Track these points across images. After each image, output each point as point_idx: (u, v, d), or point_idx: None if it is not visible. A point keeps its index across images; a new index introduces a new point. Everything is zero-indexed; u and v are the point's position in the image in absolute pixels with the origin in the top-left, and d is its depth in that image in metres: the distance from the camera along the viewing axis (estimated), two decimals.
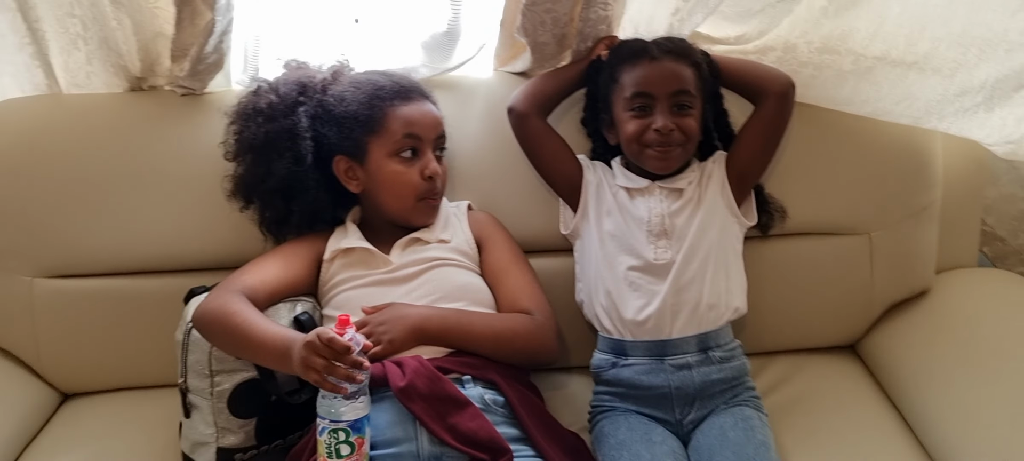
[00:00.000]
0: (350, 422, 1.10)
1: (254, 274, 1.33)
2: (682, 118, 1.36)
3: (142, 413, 1.47)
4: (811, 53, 1.45)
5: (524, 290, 1.37)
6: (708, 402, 1.32)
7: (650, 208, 1.38)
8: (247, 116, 1.40)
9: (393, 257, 1.37)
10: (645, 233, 1.37)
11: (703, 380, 1.32)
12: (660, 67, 1.36)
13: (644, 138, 1.36)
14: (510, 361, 1.31)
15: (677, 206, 1.38)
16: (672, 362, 1.32)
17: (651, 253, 1.36)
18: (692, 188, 1.40)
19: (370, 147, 1.37)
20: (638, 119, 1.36)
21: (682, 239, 1.36)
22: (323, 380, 1.08)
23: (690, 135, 1.37)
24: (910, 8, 1.34)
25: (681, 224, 1.37)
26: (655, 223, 1.37)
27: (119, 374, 1.54)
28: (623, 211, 1.40)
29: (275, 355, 1.18)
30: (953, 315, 1.52)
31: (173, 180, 1.49)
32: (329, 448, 1.11)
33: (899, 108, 1.44)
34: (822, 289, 1.55)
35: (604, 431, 1.32)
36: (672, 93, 1.35)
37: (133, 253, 1.49)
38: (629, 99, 1.37)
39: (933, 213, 1.55)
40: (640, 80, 1.36)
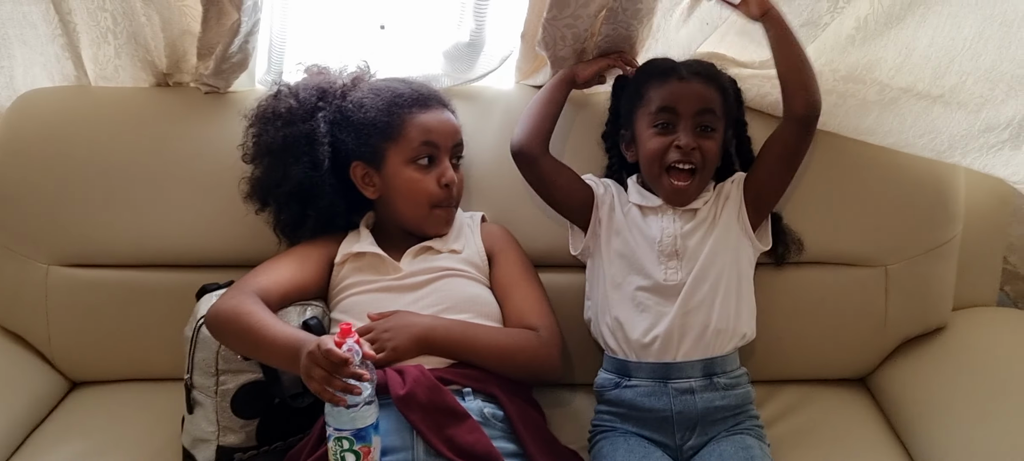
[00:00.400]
0: (353, 431, 1.09)
1: (267, 276, 1.32)
2: (704, 139, 1.33)
3: (147, 405, 1.47)
4: (836, 81, 1.42)
5: (531, 306, 1.36)
6: (710, 428, 1.29)
7: (663, 228, 1.35)
8: (266, 119, 1.40)
9: (403, 264, 1.37)
10: (656, 253, 1.34)
11: (706, 406, 1.29)
12: (688, 86, 1.35)
13: (665, 157, 1.33)
14: (513, 376, 1.29)
15: (690, 226, 1.36)
16: (676, 386, 1.30)
17: (661, 274, 1.33)
18: (707, 208, 1.37)
19: (387, 154, 1.36)
20: (661, 136, 1.34)
21: (693, 261, 1.33)
22: (322, 390, 1.08)
23: (709, 159, 1.34)
24: (939, 40, 1.31)
25: (693, 245, 1.34)
26: (667, 243, 1.34)
27: (127, 365, 1.54)
28: (634, 230, 1.38)
29: (286, 356, 1.17)
30: (967, 354, 1.47)
31: (192, 177, 1.49)
32: (335, 456, 1.10)
33: (922, 141, 1.41)
34: (835, 320, 1.51)
35: (603, 451, 1.30)
36: (697, 112, 1.33)
37: (148, 246, 1.50)
38: (654, 114, 1.35)
39: (953, 249, 1.51)
40: (667, 96, 1.34)
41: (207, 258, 1.51)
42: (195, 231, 1.50)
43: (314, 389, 1.09)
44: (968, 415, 1.33)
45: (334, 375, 1.06)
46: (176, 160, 1.50)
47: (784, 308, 1.49)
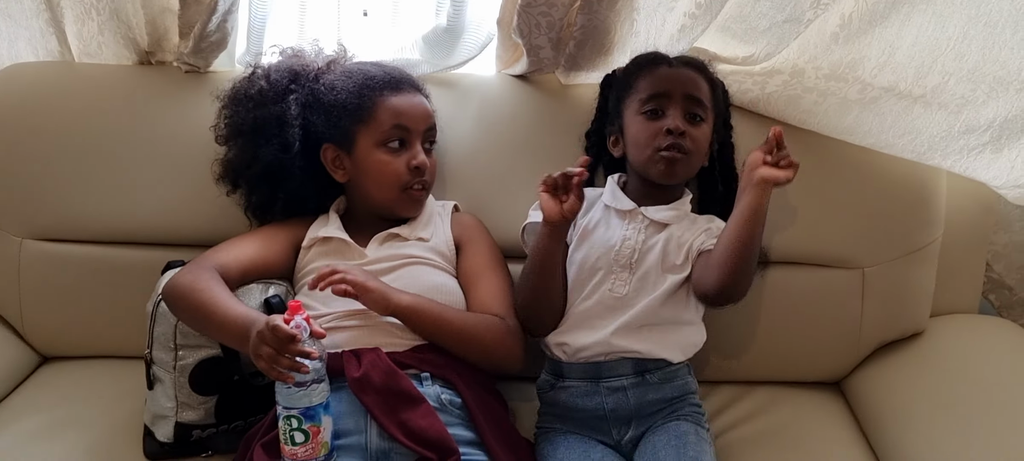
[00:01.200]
0: (302, 410, 1.08)
1: (229, 252, 1.30)
2: (693, 127, 1.29)
3: (115, 381, 1.45)
4: (818, 79, 1.37)
5: (496, 296, 1.32)
6: (646, 420, 1.26)
7: (625, 236, 1.31)
8: (238, 101, 1.38)
9: (369, 250, 1.34)
10: (610, 261, 1.30)
11: (638, 401, 1.26)
12: (678, 72, 1.32)
13: (656, 142, 1.28)
14: (475, 360, 1.26)
15: (654, 241, 1.31)
16: (607, 384, 1.26)
17: (607, 284, 1.29)
18: (678, 228, 1.32)
19: (358, 136, 1.33)
20: (651, 121, 1.30)
21: (644, 282, 1.28)
22: (270, 369, 1.06)
23: (699, 146, 1.30)
24: (923, 39, 1.26)
25: (649, 263, 1.29)
26: (624, 253, 1.30)
27: (98, 341, 1.52)
28: (594, 234, 1.33)
29: (235, 334, 1.16)
30: (942, 360, 1.42)
31: (168, 156, 1.47)
32: (284, 434, 1.09)
33: (902, 142, 1.36)
34: (809, 322, 1.46)
35: (544, 452, 1.26)
36: (687, 96, 1.29)
37: (122, 223, 1.48)
38: (643, 101, 1.31)
39: (932, 253, 1.46)
40: (656, 82, 1.31)
41: (180, 237, 1.48)
42: (169, 210, 1.47)
43: (262, 367, 1.07)
44: (940, 423, 1.28)
45: (281, 352, 1.04)
46: (153, 138, 1.48)
47: (757, 308, 1.44)
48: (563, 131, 1.48)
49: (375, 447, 1.14)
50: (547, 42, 1.40)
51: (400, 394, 1.15)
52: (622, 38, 1.42)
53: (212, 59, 1.51)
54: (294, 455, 1.09)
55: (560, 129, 1.48)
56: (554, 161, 1.45)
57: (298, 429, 1.08)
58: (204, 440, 1.29)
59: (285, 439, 1.09)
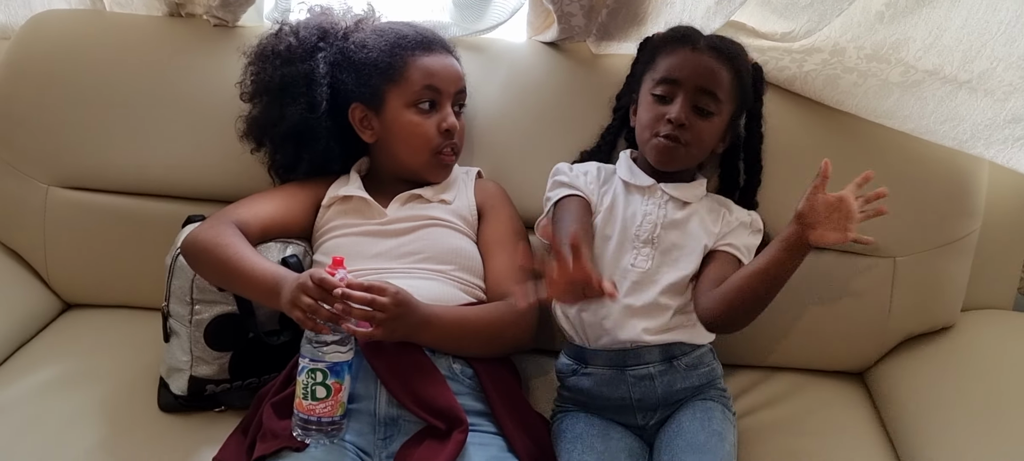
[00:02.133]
0: (330, 365, 1.06)
1: (249, 209, 1.27)
2: (699, 119, 1.23)
3: (134, 332, 1.43)
4: (859, 59, 1.30)
5: (513, 271, 1.27)
6: (673, 407, 1.21)
7: (645, 211, 1.26)
8: (265, 57, 1.34)
9: (389, 210, 1.30)
10: (631, 237, 1.25)
11: (666, 390, 1.21)
12: (697, 58, 1.24)
13: (655, 127, 1.23)
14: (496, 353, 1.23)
15: (678, 217, 1.25)
16: (633, 373, 1.21)
17: (629, 260, 1.24)
18: (700, 208, 1.27)
19: (388, 96, 1.29)
20: (657, 105, 1.24)
21: (666, 256, 1.23)
22: (306, 319, 1.05)
23: (701, 140, 1.24)
24: (973, 22, 1.18)
25: (673, 239, 1.24)
26: (645, 228, 1.25)
27: (120, 291, 1.51)
28: (613, 211, 1.27)
29: (263, 290, 1.14)
30: (971, 357, 1.35)
31: (194, 110, 1.45)
32: (305, 388, 1.07)
33: (943, 128, 1.29)
34: (835, 310, 1.40)
35: (563, 427, 1.22)
36: (698, 88, 1.22)
37: (146, 175, 1.46)
38: (656, 82, 1.25)
39: (968, 246, 1.39)
40: (672, 66, 1.24)
41: (202, 192, 1.46)
42: (193, 164, 1.45)
43: (298, 318, 1.06)
44: (963, 421, 1.22)
45: (322, 303, 1.04)
46: (179, 91, 1.45)
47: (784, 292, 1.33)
48: (592, 102, 1.43)
49: (384, 413, 1.12)
50: (579, 9, 1.35)
51: (411, 361, 1.12)
52: (656, 8, 1.36)
53: (240, 13, 1.48)
54: (312, 410, 1.07)
55: (589, 100, 1.43)
56: (581, 132, 1.42)
57: (322, 383, 1.06)
58: (217, 395, 1.28)
59: (305, 394, 1.07)
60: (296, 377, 1.08)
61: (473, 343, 1.19)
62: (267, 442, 1.09)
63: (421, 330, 1.13)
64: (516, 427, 1.15)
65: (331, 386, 1.07)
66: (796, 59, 1.37)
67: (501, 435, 1.14)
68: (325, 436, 1.08)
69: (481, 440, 1.12)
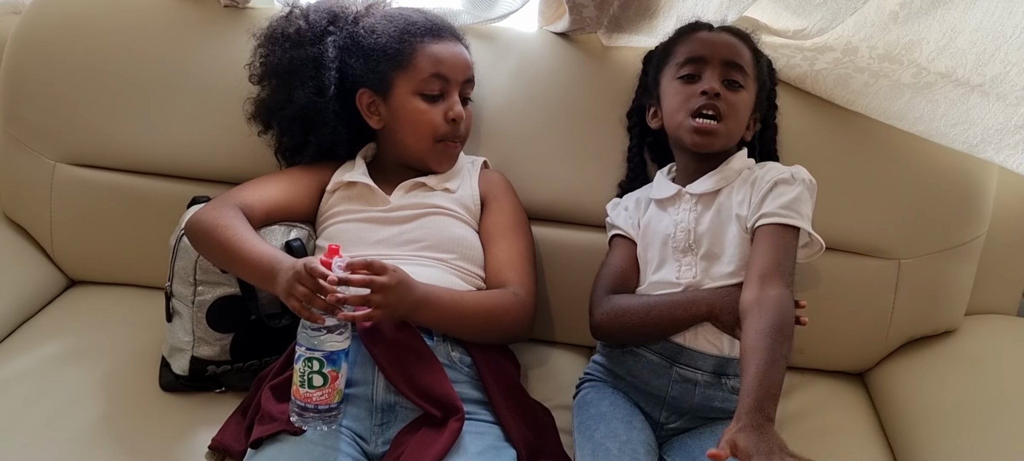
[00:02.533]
0: (326, 354, 1.06)
1: (254, 192, 1.27)
2: (733, 92, 1.21)
3: (137, 310, 1.44)
4: (871, 59, 1.29)
5: (512, 261, 1.27)
6: (699, 421, 1.19)
7: (676, 221, 1.23)
8: (274, 40, 1.32)
9: (393, 198, 1.29)
10: (670, 249, 1.22)
11: (703, 401, 1.18)
12: (717, 36, 1.24)
13: (689, 104, 1.20)
14: (492, 339, 1.22)
15: (708, 215, 1.21)
16: (680, 372, 1.18)
17: (673, 273, 1.21)
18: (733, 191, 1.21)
19: (395, 82, 1.28)
20: (686, 84, 1.22)
21: (709, 255, 1.20)
22: (302, 308, 1.04)
23: (737, 112, 1.21)
24: (988, 25, 1.16)
25: (710, 238, 1.20)
26: (680, 238, 1.21)
27: (124, 268, 1.51)
28: (648, 230, 1.26)
29: (261, 273, 1.13)
30: (973, 362, 1.34)
31: (202, 90, 1.44)
32: (302, 376, 1.06)
33: (954, 132, 1.28)
34: (838, 310, 1.38)
35: (587, 398, 1.20)
36: (725, 60, 1.21)
37: (153, 154, 1.45)
38: (680, 65, 1.23)
39: (974, 250, 1.37)
40: (694, 47, 1.23)
41: (209, 172, 1.45)
42: (200, 144, 1.44)
43: (294, 306, 1.05)
44: (963, 426, 1.21)
45: (317, 293, 1.03)
46: (188, 72, 1.44)
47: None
48: (601, 95, 1.41)
49: (381, 399, 1.12)
50: (590, 0, 1.33)
51: (409, 348, 1.12)
52: (669, 2, 1.35)
53: None
54: (309, 398, 1.06)
55: (598, 93, 1.42)
56: (589, 126, 1.41)
57: (318, 372, 1.05)
58: (218, 376, 1.28)
59: (302, 382, 1.06)
60: (293, 364, 1.08)
61: (470, 326, 1.19)
62: (265, 425, 1.09)
63: (418, 309, 1.12)
64: (514, 416, 1.14)
65: (328, 375, 1.06)
66: (808, 57, 1.35)
67: (498, 424, 1.14)
68: (322, 422, 1.07)
69: (478, 429, 1.11)
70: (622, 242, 1.30)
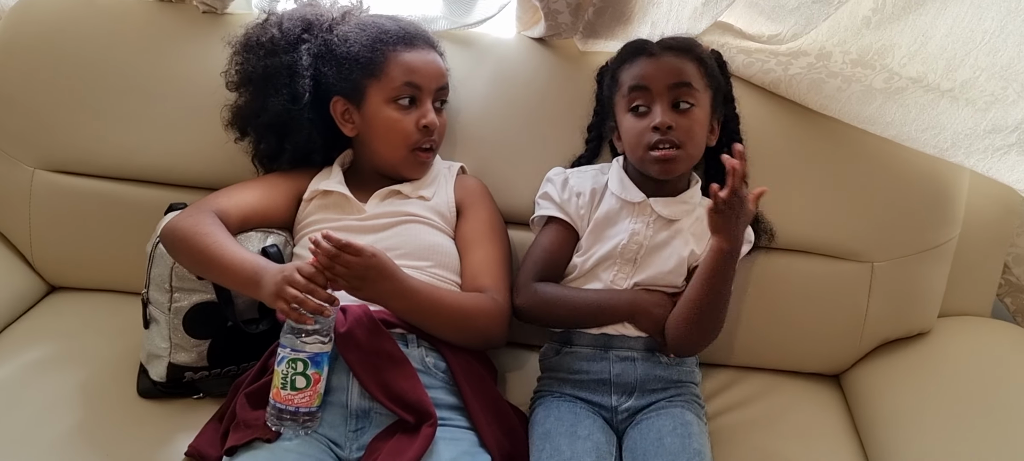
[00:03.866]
0: (310, 355, 1.06)
1: (230, 198, 1.26)
2: (682, 116, 1.22)
3: (117, 315, 1.43)
4: (844, 64, 1.29)
5: (488, 267, 1.27)
6: (647, 395, 1.22)
7: (632, 230, 1.25)
8: (249, 48, 1.32)
9: (368, 206, 1.29)
10: (617, 254, 1.25)
11: (645, 374, 1.22)
12: (658, 62, 1.23)
13: (644, 140, 1.22)
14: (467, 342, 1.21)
15: (662, 237, 1.25)
16: (617, 353, 1.23)
17: (610, 276, 1.25)
18: (689, 225, 1.26)
19: (368, 91, 1.28)
20: (638, 118, 1.23)
21: (644, 273, 1.24)
22: (290, 310, 1.04)
23: (692, 135, 1.22)
24: (958, 30, 1.17)
25: (654, 259, 1.25)
26: (631, 249, 1.25)
27: (103, 274, 1.51)
28: (602, 226, 1.27)
29: (242, 279, 1.13)
30: (944, 363, 1.35)
31: (180, 97, 1.43)
32: (285, 378, 1.07)
33: (924, 136, 1.28)
34: (812, 312, 1.39)
35: (536, 418, 1.22)
36: (670, 86, 1.21)
37: (132, 160, 1.45)
38: (627, 97, 1.24)
39: (946, 253, 1.38)
40: (637, 76, 1.24)
41: (187, 179, 1.45)
42: (179, 151, 1.44)
43: (281, 308, 1.05)
44: (936, 427, 1.22)
45: (309, 295, 1.03)
46: (167, 78, 1.44)
47: (759, 293, 1.38)
48: (578, 100, 1.41)
49: (356, 405, 1.12)
50: (565, 6, 1.33)
51: (383, 354, 1.12)
52: (643, 7, 1.34)
53: (228, 1, 1.46)
54: (290, 400, 1.07)
55: (575, 97, 1.41)
56: (566, 130, 1.41)
57: (302, 373, 1.06)
58: (196, 382, 1.28)
59: (285, 383, 1.06)
60: (274, 367, 1.08)
61: (445, 324, 1.18)
62: (239, 432, 1.09)
63: (394, 298, 1.13)
64: (488, 422, 1.15)
65: (311, 376, 1.07)
66: (782, 62, 1.35)
67: (473, 429, 1.14)
68: (300, 426, 1.08)
69: (452, 434, 1.12)
70: (561, 227, 1.30)
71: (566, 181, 1.32)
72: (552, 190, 1.32)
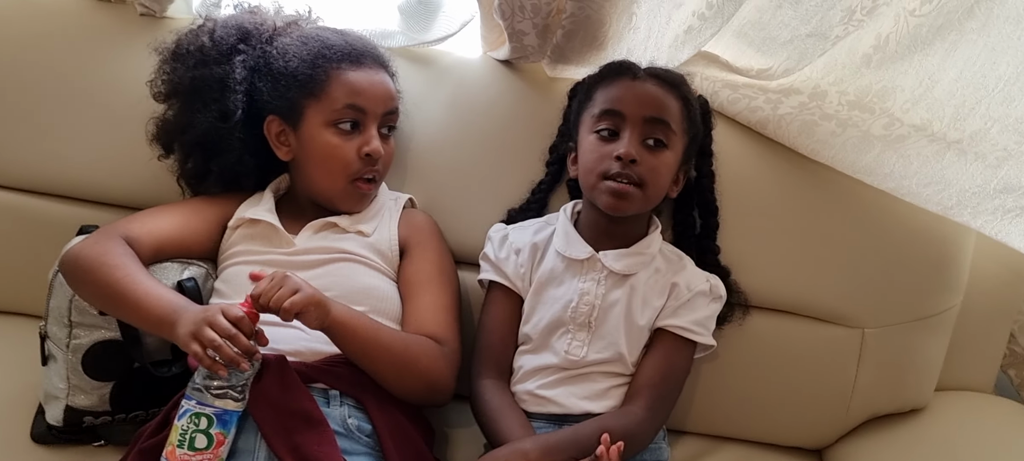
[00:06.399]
0: (218, 412, 0.94)
1: (144, 224, 1.13)
2: (650, 153, 1.09)
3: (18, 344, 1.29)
4: (840, 106, 1.16)
5: (435, 314, 1.14)
6: None
7: (582, 290, 1.11)
8: (178, 56, 1.20)
9: (299, 239, 1.16)
10: (566, 319, 1.11)
11: None
12: (640, 87, 1.10)
13: (602, 167, 1.09)
14: (402, 388, 1.08)
15: (616, 297, 1.11)
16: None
17: (563, 346, 1.11)
18: (644, 276, 1.12)
19: (307, 111, 1.15)
20: (602, 142, 1.10)
21: (603, 341, 1.10)
22: (205, 356, 0.92)
23: (657, 176, 1.09)
24: (969, 75, 1.05)
25: (612, 322, 1.10)
26: (582, 311, 1.11)
27: (6, 297, 1.38)
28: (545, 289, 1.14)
29: (155, 318, 1.00)
30: (942, 443, 1.22)
31: (108, 105, 1.31)
32: (183, 434, 0.94)
33: (927, 191, 1.15)
34: (794, 379, 1.26)
35: None
36: (647, 118, 1.08)
37: (46, 172, 1.33)
38: (597, 118, 1.11)
39: (946, 322, 1.25)
40: (612, 97, 1.10)
41: (106, 196, 1.32)
42: (100, 165, 1.31)
43: (195, 351, 0.93)
44: None
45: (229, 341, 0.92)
46: (94, 84, 1.32)
47: (738, 355, 1.24)
48: (544, 129, 1.28)
49: None
50: (532, 28, 1.20)
51: (298, 413, 0.98)
52: (618, 32, 1.21)
53: (166, 4, 1.34)
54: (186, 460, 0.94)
55: (541, 127, 1.28)
56: (528, 161, 1.28)
57: (204, 431, 0.94)
58: (97, 428, 1.14)
59: (182, 441, 0.94)
60: (174, 421, 0.95)
61: (383, 360, 1.05)
62: None
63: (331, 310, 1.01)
64: None
65: (214, 436, 0.94)
66: (771, 100, 1.23)
67: None
68: None
69: None
70: (503, 293, 1.17)
71: (505, 238, 1.19)
72: (490, 249, 1.19)
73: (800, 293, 1.23)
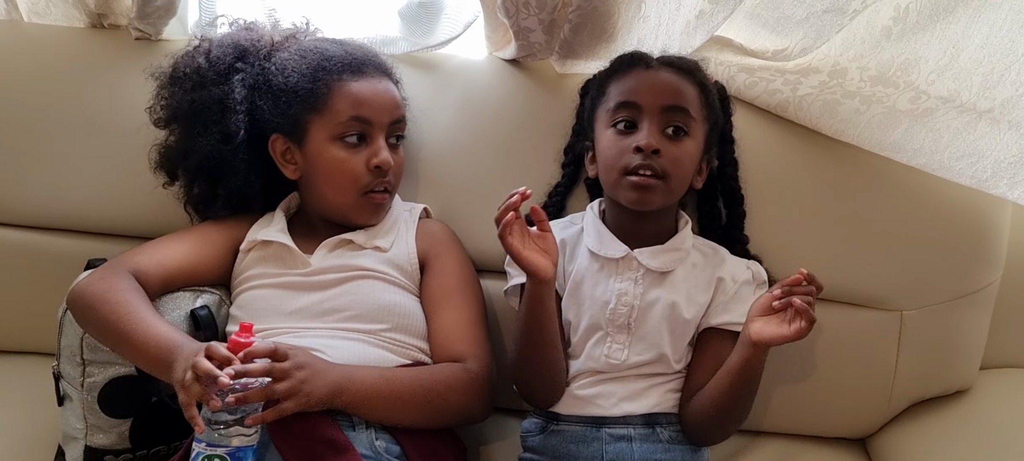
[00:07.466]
0: (231, 451, 0.91)
1: (152, 254, 1.11)
2: (672, 143, 1.06)
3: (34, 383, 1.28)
4: (862, 82, 1.13)
5: (462, 330, 1.11)
6: None
7: (619, 291, 1.08)
8: (175, 80, 1.17)
9: (314, 259, 1.13)
10: (605, 322, 1.08)
11: (645, 455, 1.05)
12: (655, 76, 1.08)
13: (622, 161, 1.06)
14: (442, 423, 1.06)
15: (655, 296, 1.08)
16: (611, 432, 1.07)
17: (602, 351, 1.08)
18: (685, 275, 1.09)
19: (310, 127, 1.13)
20: (620, 136, 1.07)
21: (645, 343, 1.08)
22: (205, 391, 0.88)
23: (680, 166, 1.06)
24: (994, 41, 1.02)
25: (652, 322, 1.07)
26: (621, 313, 1.08)
27: (19, 337, 1.37)
28: (580, 291, 1.11)
29: (154, 359, 0.98)
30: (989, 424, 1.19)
31: (109, 133, 1.30)
32: None
33: (960, 164, 1.11)
34: (834, 368, 1.22)
35: None
36: (664, 107, 1.05)
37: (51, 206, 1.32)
38: (613, 111, 1.08)
39: (987, 298, 1.21)
40: (628, 89, 1.08)
41: (114, 227, 1.31)
42: (105, 196, 1.30)
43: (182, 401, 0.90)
44: None
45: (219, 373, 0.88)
46: (95, 113, 1.30)
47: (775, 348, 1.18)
48: (558, 128, 1.26)
49: None
50: (538, 24, 1.17)
51: (323, 441, 0.95)
52: (627, 22, 1.19)
53: (161, 26, 1.33)
54: None
55: (554, 125, 1.26)
56: (544, 162, 1.25)
57: None
58: None
59: None
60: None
61: (406, 410, 1.03)
62: None
63: (339, 395, 0.97)
64: None
65: None
66: (790, 81, 1.20)
67: None
68: None
69: None
70: None
71: None
72: None
73: (833, 279, 1.18)
